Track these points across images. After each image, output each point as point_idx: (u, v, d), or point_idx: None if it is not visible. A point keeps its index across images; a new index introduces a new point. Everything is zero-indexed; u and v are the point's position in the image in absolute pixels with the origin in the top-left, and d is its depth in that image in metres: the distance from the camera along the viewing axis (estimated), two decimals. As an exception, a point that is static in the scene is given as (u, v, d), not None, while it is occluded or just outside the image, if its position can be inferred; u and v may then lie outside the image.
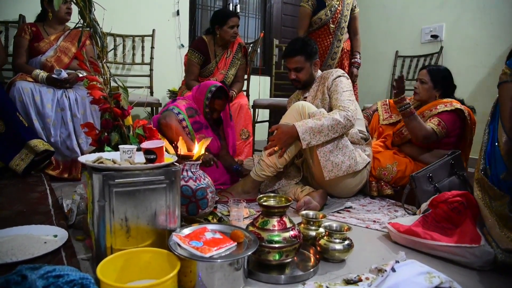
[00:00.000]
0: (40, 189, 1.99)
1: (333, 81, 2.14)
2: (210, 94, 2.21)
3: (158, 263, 1.04)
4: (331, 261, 1.30)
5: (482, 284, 1.18)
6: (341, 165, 1.92)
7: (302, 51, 2.17)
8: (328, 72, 2.21)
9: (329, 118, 1.90)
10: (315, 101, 2.20)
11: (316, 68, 2.25)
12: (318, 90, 2.23)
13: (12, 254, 1.15)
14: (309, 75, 2.23)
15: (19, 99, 2.25)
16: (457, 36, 3.61)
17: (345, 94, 2.06)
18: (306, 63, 2.19)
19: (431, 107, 2.25)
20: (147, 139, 1.48)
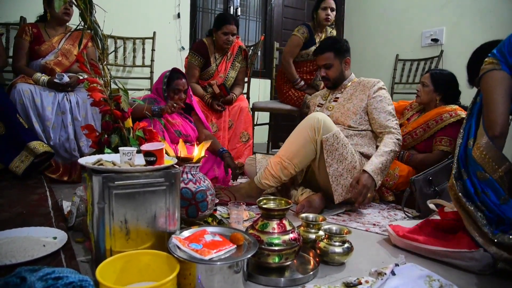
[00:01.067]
0: (40, 191, 1.99)
1: (375, 92, 2.07)
2: (166, 79, 2.25)
3: (158, 266, 1.04)
4: (330, 264, 1.29)
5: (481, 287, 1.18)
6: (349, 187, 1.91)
7: (331, 48, 2.15)
8: (368, 81, 2.15)
9: (389, 152, 1.91)
10: (347, 104, 2.14)
11: (347, 66, 2.20)
12: (353, 94, 2.16)
13: (12, 256, 1.15)
14: (339, 73, 2.19)
15: (20, 101, 2.25)
16: (457, 39, 3.62)
17: (391, 111, 2.05)
18: (336, 60, 2.16)
19: (435, 117, 2.24)
20: (147, 141, 1.48)
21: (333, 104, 2.20)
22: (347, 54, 2.19)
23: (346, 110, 2.11)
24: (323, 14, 2.99)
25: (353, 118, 2.08)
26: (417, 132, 2.29)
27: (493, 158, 1.25)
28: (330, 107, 2.20)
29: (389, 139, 1.96)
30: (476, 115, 1.38)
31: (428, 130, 2.24)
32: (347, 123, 2.09)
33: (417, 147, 2.31)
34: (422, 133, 2.27)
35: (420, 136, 2.28)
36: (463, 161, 1.36)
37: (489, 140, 1.26)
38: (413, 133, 2.31)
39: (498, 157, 1.25)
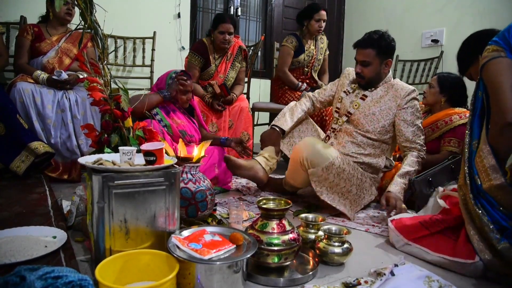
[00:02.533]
0: (40, 190, 1.99)
1: (407, 103, 1.96)
2: (171, 80, 2.24)
3: (157, 265, 1.04)
4: (330, 265, 1.29)
5: (481, 288, 1.18)
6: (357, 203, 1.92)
7: (375, 44, 1.96)
8: (402, 88, 2.00)
9: (413, 172, 1.87)
10: (373, 107, 2.00)
11: (387, 68, 2.03)
12: (383, 97, 2.01)
13: (11, 255, 1.15)
14: (375, 73, 2.01)
15: (20, 100, 2.25)
16: (458, 40, 3.58)
17: (420, 125, 1.97)
18: (376, 59, 1.98)
19: (444, 117, 2.25)
20: (147, 141, 1.48)
21: (359, 102, 2.04)
22: (391, 55, 2.02)
23: (371, 114, 1.99)
24: (316, 25, 3.09)
25: (374, 125, 1.98)
26: (425, 132, 2.29)
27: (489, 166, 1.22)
28: (356, 104, 2.05)
29: (414, 157, 1.91)
30: (480, 110, 1.34)
31: (437, 130, 2.27)
32: (365, 128, 1.99)
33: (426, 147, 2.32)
34: (430, 132, 2.29)
35: (428, 136, 2.28)
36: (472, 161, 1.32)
37: (489, 148, 1.23)
38: None
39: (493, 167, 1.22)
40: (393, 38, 2.03)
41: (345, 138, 2.03)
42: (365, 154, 1.98)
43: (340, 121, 2.09)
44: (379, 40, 1.96)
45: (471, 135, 1.35)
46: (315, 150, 1.81)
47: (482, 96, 1.33)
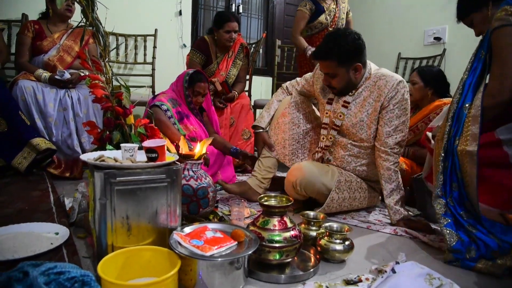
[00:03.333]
0: (42, 187, 2.00)
1: (391, 99, 1.74)
2: (188, 77, 2.25)
3: (159, 261, 1.05)
4: (331, 262, 1.30)
5: (480, 286, 1.18)
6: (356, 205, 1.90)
7: (332, 55, 1.72)
8: (386, 82, 1.76)
9: (397, 186, 1.74)
10: (359, 113, 1.81)
11: (358, 73, 1.78)
12: (367, 98, 1.80)
13: (14, 251, 1.15)
14: (345, 82, 1.79)
15: (22, 97, 2.26)
16: (460, 38, 3.61)
17: (398, 124, 1.75)
18: (340, 68, 1.74)
19: (435, 109, 2.25)
20: (148, 138, 1.49)
21: (343, 112, 1.85)
22: (357, 58, 1.74)
23: (359, 121, 1.81)
24: None
25: (366, 132, 1.81)
26: (419, 127, 2.30)
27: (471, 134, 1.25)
28: (340, 114, 1.86)
29: (385, 170, 1.74)
30: (480, 71, 1.31)
31: (429, 123, 2.24)
32: (358, 137, 1.84)
33: (421, 141, 2.31)
34: (423, 127, 2.28)
35: (422, 130, 2.28)
36: (456, 120, 1.33)
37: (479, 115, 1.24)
38: (414, 128, 2.31)
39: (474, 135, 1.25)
40: (356, 36, 1.73)
41: (340, 152, 1.90)
42: (366, 164, 1.89)
43: (331, 137, 1.91)
44: (336, 48, 1.70)
45: (462, 94, 1.33)
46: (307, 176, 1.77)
47: (484, 57, 1.29)
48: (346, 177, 1.83)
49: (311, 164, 1.85)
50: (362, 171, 1.89)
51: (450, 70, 3.58)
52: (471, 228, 1.28)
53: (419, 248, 1.48)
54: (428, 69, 2.42)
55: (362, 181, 1.90)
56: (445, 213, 1.33)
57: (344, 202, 1.81)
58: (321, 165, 1.90)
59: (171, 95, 2.29)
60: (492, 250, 1.24)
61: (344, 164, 1.90)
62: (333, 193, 1.76)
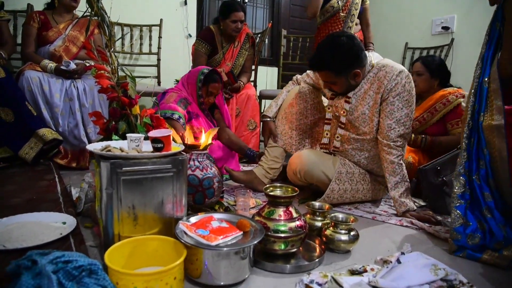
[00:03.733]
0: (49, 177, 2.02)
1: (391, 91, 1.68)
2: (202, 76, 2.19)
3: (165, 251, 1.06)
4: (336, 252, 1.30)
5: (486, 277, 1.18)
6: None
7: (329, 67, 1.71)
8: (385, 74, 1.70)
9: (402, 177, 1.71)
10: (361, 105, 1.77)
11: (357, 77, 1.74)
12: (367, 91, 1.76)
13: (23, 240, 1.17)
14: (346, 87, 1.78)
15: (28, 88, 2.26)
16: (469, 27, 3.56)
17: (400, 117, 1.69)
18: (339, 77, 1.73)
19: (441, 99, 2.23)
20: (154, 128, 1.49)
21: (346, 108, 1.81)
22: (354, 65, 1.70)
23: (361, 114, 1.77)
24: None
25: (369, 125, 1.78)
26: (425, 117, 2.28)
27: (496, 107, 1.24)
28: (343, 110, 1.82)
29: (390, 163, 1.71)
30: (496, 41, 1.31)
31: (436, 113, 2.25)
32: (361, 130, 1.80)
33: (428, 131, 2.30)
34: (430, 117, 2.27)
35: (428, 120, 2.28)
36: (479, 96, 1.32)
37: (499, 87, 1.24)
38: (420, 118, 2.30)
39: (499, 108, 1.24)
40: (350, 43, 1.68)
41: (344, 146, 1.88)
42: (371, 157, 1.85)
43: (338, 136, 1.87)
44: (332, 60, 1.68)
45: (482, 68, 1.33)
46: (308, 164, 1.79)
47: (499, 28, 1.29)
48: (348, 169, 1.82)
49: (311, 152, 1.85)
50: (366, 164, 1.87)
51: (458, 60, 3.55)
52: (487, 212, 1.27)
53: (424, 239, 1.48)
54: (431, 59, 2.38)
55: (366, 173, 1.89)
56: (462, 194, 1.32)
57: (346, 193, 1.80)
58: (322, 154, 1.90)
59: (181, 94, 2.23)
60: (496, 240, 1.23)
61: (348, 157, 1.89)
62: (333, 183, 1.75)
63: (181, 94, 2.20)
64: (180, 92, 2.22)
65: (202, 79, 2.19)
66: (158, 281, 0.89)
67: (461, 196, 1.33)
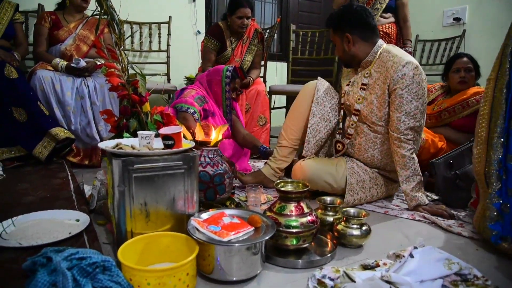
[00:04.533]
0: (62, 175, 2.04)
1: (396, 83, 1.65)
2: (229, 72, 2.21)
3: (177, 247, 1.06)
4: (348, 247, 1.30)
5: (501, 271, 1.16)
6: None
7: (330, 22, 1.85)
8: (392, 63, 1.68)
9: (413, 168, 1.68)
10: (371, 94, 1.76)
11: (349, 44, 1.78)
12: (376, 81, 1.75)
13: (38, 237, 1.19)
14: (342, 52, 1.84)
15: (40, 87, 2.29)
16: (481, 18, 3.50)
17: (409, 109, 1.66)
18: (335, 37, 1.84)
19: (475, 96, 2.23)
20: (165, 125, 1.49)
21: (361, 94, 1.79)
22: (348, 28, 1.76)
23: (369, 103, 1.76)
24: None
25: (377, 114, 1.74)
26: (455, 109, 2.28)
27: None
28: (359, 98, 1.80)
29: (401, 157, 1.69)
30: None
31: (467, 107, 2.25)
32: (370, 120, 1.77)
33: (453, 124, 2.30)
34: (460, 110, 2.27)
35: (458, 113, 2.28)
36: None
37: None
38: (451, 109, 2.29)
39: None
40: (359, 8, 1.76)
41: (357, 139, 1.84)
42: (385, 152, 1.80)
43: (352, 123, 1.84)
44: (333, 16, 1.83)
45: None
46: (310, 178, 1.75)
47: None
48: (357, 178, 1.77)
49: (313, 162, 1.81)
50: (380, 159, 1.82)
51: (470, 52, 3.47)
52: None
53: (437, 233, 1.47)
54: (471, 56, 2.38)
55: (378, 176, 1.84)
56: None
57: (361, 201, 1.78)
58: (325, 161, 1.86)
59: (199, 92, 2.24)
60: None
61: (361, 151, 1.84)
62: (348, 196, 1.72)
63: (199, 92, 2.23)
64: (198, 90, 2.24)
65: (229, 75, 2.23)
66: (171, 277, 0.89)
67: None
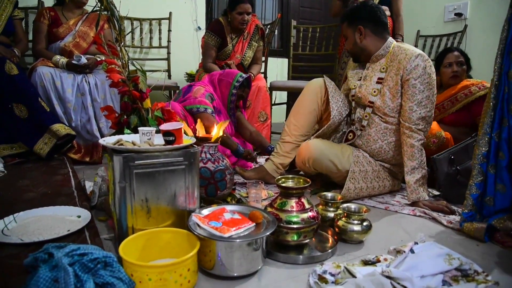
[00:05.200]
0: (63, 171, 2.05)
1: (411, 73, 1.70)
2: (241, 78, 2.22)
3: (178, 243, 1.07)
4: (349, 242, 1.30)
5: (501, 266, 1.17)
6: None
7: (346, 17, 1.92)
8: (405, 55, 1.73)
9: (420, 160, 1.70)
10: (383, 88, 1.80)
11: (361, 37, 1.85)
12: (389, 72, 1.79)
13: (39, 233, 1.19)
14: (352, 45, 1.89)
15: (41, 84, 2.29)
16: (482, 14, 3.49)
17: (421, 99, 1.70)
18: (348, 30, 1.89)
19: (463, 90, 2.23)
20: (165, 121, 1.49)
21: (378, 88, 1.82)
22: (361, 21, 1.84)
23: (383, 94, 1.80)
24: None
25: (389, 105, 1.78)
26: (445, 105, 2.28)
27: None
28: (375, 90, 1.82)
29: (410, 147, 1.71)
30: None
31: (457, 102, 2.24)
32: (382, 111, 1.81)
33: (445, 120, 2.29)
34: (450, 105, 2.27)
35: (448, 109, 2.28)
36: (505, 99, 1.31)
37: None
38: (440, 106, 2.29)
39: None
40: (373, 4, 1.88)
41: (367, 130, 1.86)
42: (393, 143, 1.83)
43: (366, 115, 1.86)
44: (350, 11, 1.91)
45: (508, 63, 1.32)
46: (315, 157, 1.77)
47: None
48: (360, 167, 1.79)
49: (319, 141, 1.84)
50: (387, 151, 1.83)
51: (472, 47, 3.48)
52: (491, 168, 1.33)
53: (438, 228, 1.47)
54: (462, 50, 2.38)
55: (381, 169, 1.85)
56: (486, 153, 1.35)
57: (362, 191, 1.78)
58: (331, 143, 1.89)
59: (207, 89, 2.24)
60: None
61: (370, 142, 1.85)
62: (349, 183, 1.73)
63: (207, 89, 2.23)
64: (206, 87, 2.24)
65: (240, 81, 2.24)
66: (172, 273, 0.90)
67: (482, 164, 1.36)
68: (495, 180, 1.33)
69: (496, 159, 1.33)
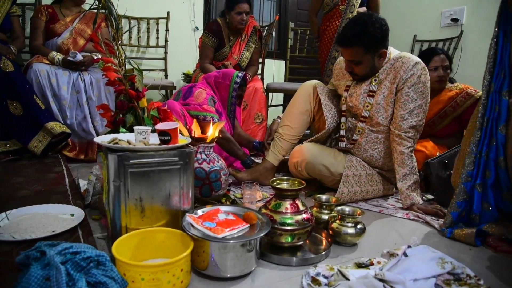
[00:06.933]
0: (57, 169, 2.04)
1: (406, 81, 1.68)
2: (238, 79, 2.21)
3: (172, 243, 1.06)
4: (343, 245, 1.30)
5: (493, 270, 1.17)
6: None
7: (360, 41, 1.67)
8: (401, 65, 1.70)
9: (410, 166, 1.70)
10: (377, 95, 1.76)
11: (382, 59, 1.75)
12: (383, 81, 1.76)
13: (32, 231, 1.19)
14: (369, 69, 1.75)
15: (36, 81, 2.28)
16: (479, 19, 3.50)
17: (414, 107, 1.69)
18: (366, 55, 1.70)
19: (449, 102, 2.22)
20: (161, 120, 1.49)
21: (369, 102, 1.78)
22: (383, 44, 1.70)
23: (375, 104, 1.77)
24: None
25: (383, 115, 1.76)
26: (435, 121, 2.27)
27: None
28: (367, 105, 1.78)
29: (400, 154, 1.70)
30: None
31: (446, 117, 2.23)
32: (375, 121, 1.79)
33: (437, 134, 2.28)
34: (439, 121, 2.25)
35: (438, 124, 2.26)
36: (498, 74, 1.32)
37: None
38: (430, 123, 2.25)
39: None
40: (382, 19, 1.70)
41: (358, 140, 1.85)
42: (383, 151, 1.83)
43: (359, 130, 1.84)
44: (363, 34, 1.65)
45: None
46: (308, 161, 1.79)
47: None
48: (354, 171, 1.78)
49: (312, 145, 1.84)
50: (379, 158, 1.84)
51: (467, 53, 3.50)
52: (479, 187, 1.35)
53: (431, 232, 1.48)
54: (447, 52, 2.36)
55: (375, 173, 1.85)
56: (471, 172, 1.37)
57: (356, 195, 1.79)
58: (323, 147, 1.89)
59: (208, 92, 2.21)
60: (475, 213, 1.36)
61: (361, 151, 1.85)
62: (342, 186, 1.73)
63: (208, 92, 2.21)
64: (207, 89, 2.23)
65: (238, 81, 2.22)
66: (165, 273, 0.89)
67: (468, 177, 1.38)
68: (482, 198, 1.35)
69: (483, 178, 1.34)
